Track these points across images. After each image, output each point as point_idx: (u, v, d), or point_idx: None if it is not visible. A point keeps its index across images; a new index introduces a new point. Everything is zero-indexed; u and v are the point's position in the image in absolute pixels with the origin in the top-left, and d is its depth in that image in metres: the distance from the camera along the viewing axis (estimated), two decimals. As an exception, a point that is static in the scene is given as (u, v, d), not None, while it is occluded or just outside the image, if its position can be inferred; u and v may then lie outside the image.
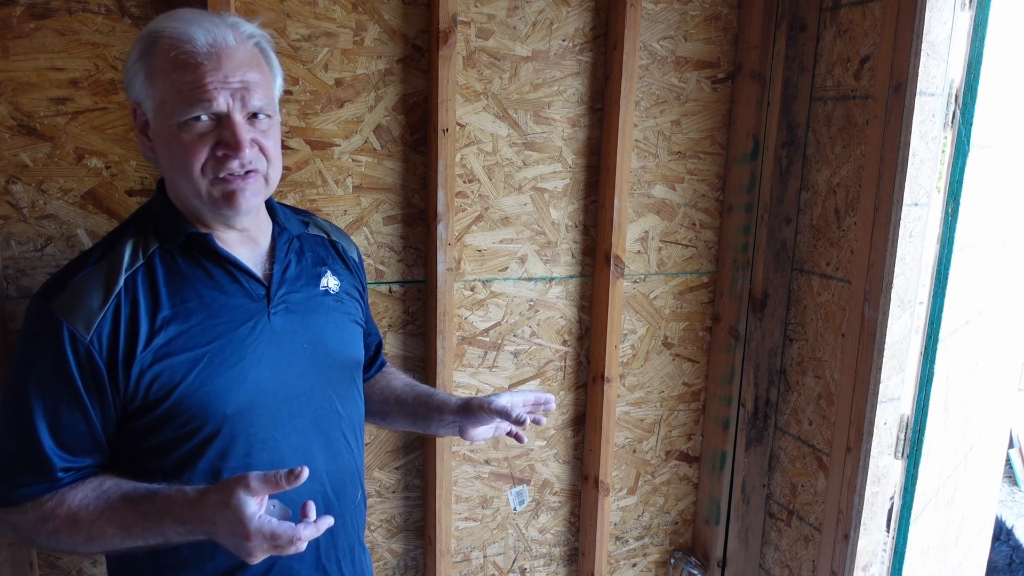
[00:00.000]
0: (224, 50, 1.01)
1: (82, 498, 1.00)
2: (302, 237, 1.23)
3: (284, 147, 1.58)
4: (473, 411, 1.25)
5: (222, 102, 0.99)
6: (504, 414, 1.20)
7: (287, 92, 1.55)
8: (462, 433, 1.30)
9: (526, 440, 1.27)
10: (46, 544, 1.03)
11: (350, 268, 1.30)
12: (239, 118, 1.01)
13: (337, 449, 1.20)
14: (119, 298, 1.01)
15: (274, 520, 0.92)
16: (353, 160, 1.64)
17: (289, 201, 1.60)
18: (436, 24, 1.58)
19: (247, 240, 1.12)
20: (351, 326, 1.26)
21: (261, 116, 1.04)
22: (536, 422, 1.28)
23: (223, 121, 1.00)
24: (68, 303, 1.00)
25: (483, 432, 1.30)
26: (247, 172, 1.02)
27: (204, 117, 0.99)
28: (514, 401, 1.24)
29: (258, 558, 0.94)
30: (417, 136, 1.68)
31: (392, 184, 1.68)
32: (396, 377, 1.46)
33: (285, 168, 1.59)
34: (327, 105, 1.59)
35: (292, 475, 0.90)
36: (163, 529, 0.97)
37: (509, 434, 1.31)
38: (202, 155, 1.00)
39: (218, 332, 1.06)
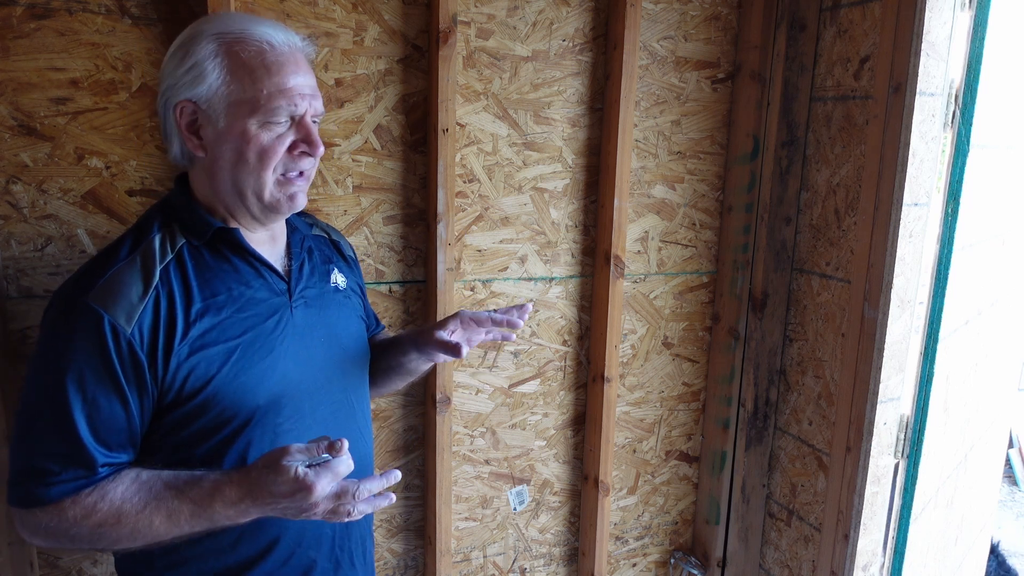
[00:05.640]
0: (297, 53, 1.07)
1: (124, 490, 1.00)
2: (308, 237, 1.26)
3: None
4: (422, 344, 1.28)
5: (303, 106, 1.05)
6: (443, 347, 1.21)
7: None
8: (432, 361, 1.34)
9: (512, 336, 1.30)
10: (84, 543, 1.01)
11: (350, 266, 1.34)
12: (310, 119, 1.07)
13: (353, 441, 1.21)
14: (157, 290, 1.02)
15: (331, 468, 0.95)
16: (353, 160, 1.64)
17: (289, 201, 1.60)
18: (436, 24, 1.58)
19: (270, 239, 1.16)
20: (358, 321, 1.30)
21: (317, 119, 1.10)
22: (505, 337, 1.32)
23: (298, 122, 1.06)
24: (106, 295, 0.99)
25: (440, 358, 1.33)
26: (301, 172, 1.09)
27: (284, 118, 1.04)
28: (462, 324, 1.26)
29: (320, 513, 0.96)
30: (417, 136, 1.68)
31: (392, 184, 1.68)
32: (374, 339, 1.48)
33: (285, 168, 1.59)
34: (327, 105, 1.59)
35: (332, 447, 0.94)
36: (213, 513, 0.98)
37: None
38: (279, 154, 1.05)
39: (248, 325, 1.08)
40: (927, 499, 1.85)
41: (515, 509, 1.96)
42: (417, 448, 1.83)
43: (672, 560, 2.17)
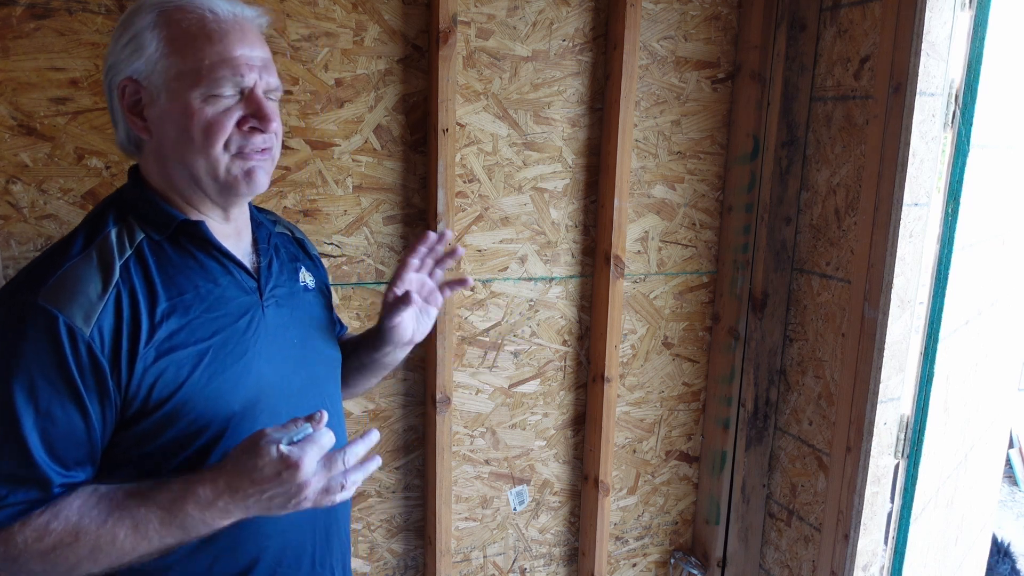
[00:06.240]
0: (246, 23, 0.98)
1: (80, 504, 0.89)
2: (274, 233, 1.19)
3: (284, 147, 1.58)
4: (388, 330, 1.19)
5: (251, 77, 0.96)
6: (393, 307, 1.14)
7: (287, 92, 1.55)
8: (408, 346, 1.25)
9: (471, 281, 1.23)
10: (35, 569, 0.89)
11: (316, 265, 1.28)
12: (262, 93, 0.98)
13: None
14: (118, 287, 0.92)
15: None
16: (353, 160, 1.64)
17: (289, 201, 1.60)
18: (436, 24, 1.58)
19: (234, 232, 1.07)
20: (329, 321, 1.24)
21: (272, 95, 1.01)
22: (462, 283, 1.22)
23: (248, 95, 0.97)
24: (60, 294, 0.88)
25: (418, 329, 1.22)
26: (263, 149, 1.00)
27: (230, 91, 0.95)
28: (403, 278, 1.18)
29: (311, 494, 0.88)
30: (417, 136, 1.68)
31: (392, 184, 1.68)
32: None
33: (284, 168, 1.59)
34: (327, 105, 1.59)
35: (313, 419, 0.88)
36: (185, 518, 0.89)
37: (452, 287, 1.24)
38: (227, 130, 0.96)
39: (219, 325, 0.99)
40: (927, 499, 1.85)
41: (515, 509, 1.96)
42: (417, 448, 1.83)
43: (672, 560, 2.17)
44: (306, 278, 1.18)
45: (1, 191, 1.40)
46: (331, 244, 1.66)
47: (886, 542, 1.79)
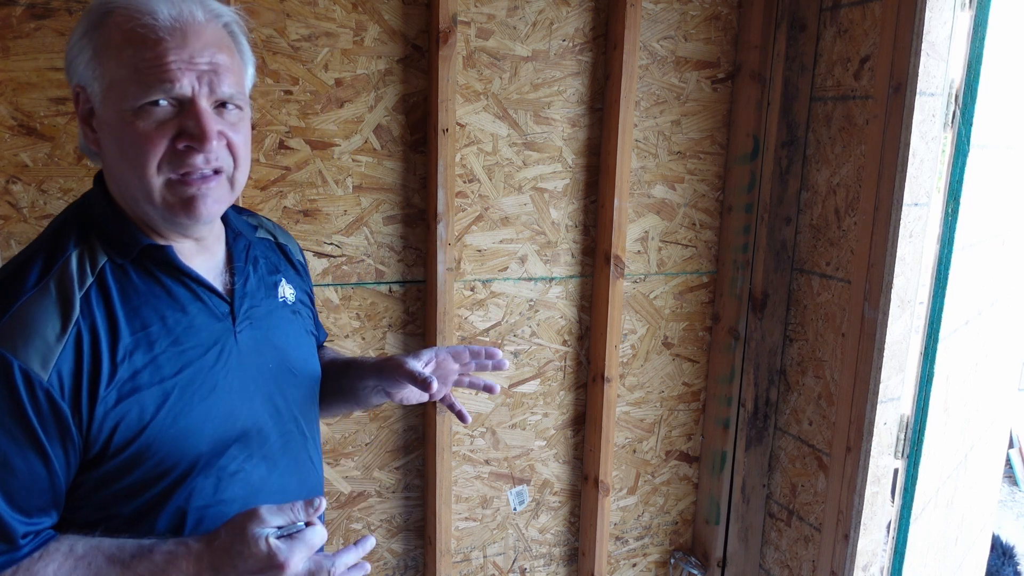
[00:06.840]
0: (191, 26, 0.86)
1: (56, 570, 0.84)
2: (254, 244, 1.09)
3: (284, 147, 1.58)
4: (388, 372, 1.13)
5: (186, 84, 0.85)
6: (412, 378, 1.07)
7: (287, 92, 1.55)
8: (389, 397, 1.18)
9: (469, 419, 1.18)
10: None
11: (299, 272, 1.19)
12: (205, 105, 0.86)
13: (305, 472, 1.11)
14: (78, 325, 0.85)
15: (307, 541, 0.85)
16: (353, 160, 1.64)
17: (289, 201, 1.60)
18: (436, 24, 1.58)
19: (203, 250, 0.98)
20: (308, 339, 1.16)
21: (230, 106, 0.90)
22: (488, 389, 1.18)
23: (186, 108, 0.86)
24: (15, 335, 0.82)
25: (411, 396, 1.17)
26: (213, 171, 0.89)
27: (164, 102, 0.85)
28: (438, 358, 1.14)
29: None
30: (417, 136, 1.68)
31: (392, 184, 1.68)
32: (322, 354, 1.31)
33: (285, 168, 1.59)
34: (327, 105, 1.59)
35: (310, 507, 0.85)
36: None
37: (451, 408, 1.19)
38: (160, 147, 0.85)
39: (186, 360, 0.92)
40: (927, 499, 1.85)
41: (515, 509, 1.96)
42: (417, 448, 1.83)
43: (672, 560, 2.17)
44: (286, 292, 1.11)
45: (1, 191, 1.40)
46: (331, 244, 1.66)
47: (886, 542, 1.79)
